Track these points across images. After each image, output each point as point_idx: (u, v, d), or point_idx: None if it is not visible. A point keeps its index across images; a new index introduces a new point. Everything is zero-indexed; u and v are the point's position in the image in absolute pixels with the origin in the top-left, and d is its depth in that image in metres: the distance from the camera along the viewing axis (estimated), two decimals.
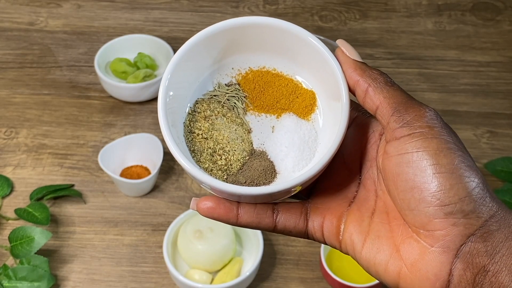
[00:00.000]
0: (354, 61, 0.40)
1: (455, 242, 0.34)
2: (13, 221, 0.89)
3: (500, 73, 1.11)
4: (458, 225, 0.34)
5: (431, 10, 1.23)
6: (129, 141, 0.94)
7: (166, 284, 0.83)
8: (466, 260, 0.34)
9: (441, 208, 0.35)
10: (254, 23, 0.42)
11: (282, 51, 0.43)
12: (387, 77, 0.39)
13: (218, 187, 0.38)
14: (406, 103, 0.37)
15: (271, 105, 0.44)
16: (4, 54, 1.13)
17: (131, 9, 1.22)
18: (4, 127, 1.01)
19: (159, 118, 0.41)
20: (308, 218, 0.40)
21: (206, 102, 0.43)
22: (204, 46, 0.42)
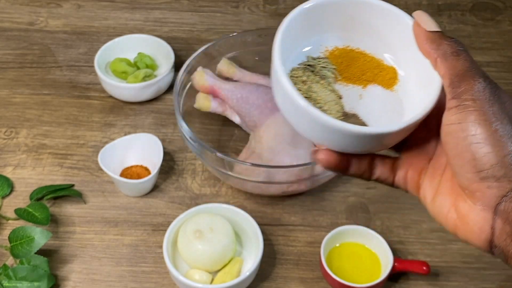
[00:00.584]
0: (427, 33, 0.48)
1: (491, 202, 0.41)
2: (13, 221, 0.89)
3: (500, 73, 1.11)
4: (492, 188, 0.41)
5: (431, 10, 1.23)
6: (129, 141, 0.94)
7: (166, 284, 0.83)
8: (503, 216, 0.41)
9: (477, 173, 0.41)
10: (349, 1, 0.48)
11: (367, 31, 0.49)
12: (457, 45, 0.46)
13: (345, 127, 0.42)
14: (463, 75, 0.43)
15: (357, 77, 0.49)
16: (4, 54, 1.13)
17: (131, 9, 1.22)
18: (4, 127, 1.01)
19: (279, 78, 0.44)
20: (395, 172, 0.48)
21: (301, 70, 0.48)
22: (299, 21, 0.47)
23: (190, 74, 0.94)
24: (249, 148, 0.92)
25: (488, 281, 0.84)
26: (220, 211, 0.85)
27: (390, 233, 0.88)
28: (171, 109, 1.04)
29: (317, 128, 0.43)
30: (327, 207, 0.91)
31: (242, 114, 0.93)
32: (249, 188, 0.89)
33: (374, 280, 0.79)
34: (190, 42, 1.15)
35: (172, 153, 0.97)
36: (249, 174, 0.85)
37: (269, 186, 0.86)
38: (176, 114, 0.88)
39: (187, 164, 0.96)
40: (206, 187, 0.93)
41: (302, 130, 0.45)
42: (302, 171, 0.83)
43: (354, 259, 0.83)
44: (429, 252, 0.86)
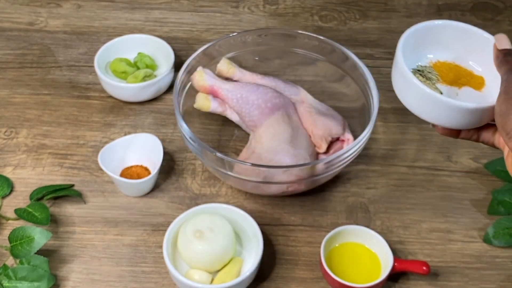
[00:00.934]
0: (498, 51, 0.64)
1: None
2: (13, 221, 0.89)
3: None
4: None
5: (431, 10, 1.23)
6: (129, 141, 0.94)
7: (166, 284, 0.83)
8: None
9: (506, 135, 0.59)
10: (452, 25, 0.68)
11: (460, 48, 0.69)
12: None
13: (453, 103, 0.63)
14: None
15: (454, 81, 0.68)
16: (4, 54, 1.13)
17: (131, 9, 1.22)
18: (4, 127, 1.01)
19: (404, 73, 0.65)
20: (494, 135, 0.67)
21: (413, 72, 0.66)
22: (413, 36, 0.68)
23: (190, 74, 0.94)
24: (249, 148, 0.92)
25: (488, 281, 0.84)
26: (220, 211, 0.85)
27: (390, 233, 0.88)
28: (171, 109, 1.04)
29: (440, 109, 0.63)
30: (327, 207, 0.91)
31: (242, 114, 0.93)
32: (249, 188, 0.89)
33: (374, 280, 0.79)
34: (190, 42, 1.15)
35: (172, 153, 0.97)
36: (249, 174, 0.85)
37: (269, 186, 0.86)
38: (176, 114, 0.88)
39: (187, 164, 0.96)
40: (206, 187, 0.93)
41: (427, 114, 0.65)
42: (302, 171, 0.83)
43: (354, 259, 0.83)
44: (429, 252, 0.86)
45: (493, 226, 0.87)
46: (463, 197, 0.93)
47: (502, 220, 0.87)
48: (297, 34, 1.00)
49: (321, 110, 0.95)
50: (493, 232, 0.87)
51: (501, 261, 0.86)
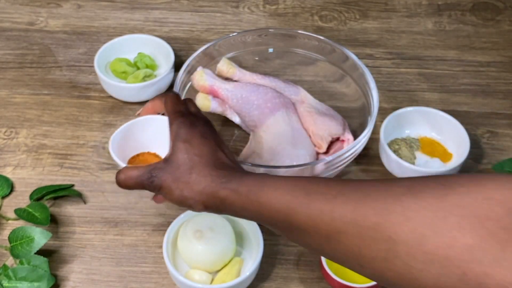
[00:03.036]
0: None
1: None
2: (13, 221, 0.89)
3: (500, 73, 1.11)
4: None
5: (431, 10, 1.23)
6: (141, 124, 0.81)
7: (166, 284, 0.83)
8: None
9: None
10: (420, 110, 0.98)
11: (435, 127, 0.97)
12: None
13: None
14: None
15: (430, 152, 0.95)
16: (4, 54, 1.13)
17: (131, 9, 1.22)
18: (4, 127, 1.01)
19: None
20: None
21: (400, 140, 0.96)
22: (393, 119, 0.97)
23: (190, 74, 0.94)
24: (249, 148, 0.92)
25: None
26: None
27: None
28: None
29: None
30: None
31: (242, 114, 0.93)
32: None
33: None
34: (190, 42, 1.15)
35: None
36: None
37: None
38: None
39: None
40: None
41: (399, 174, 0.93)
42: (302, 171, 0.83)
43: None
44: None
45: None
46: None
47: None
48: (297, 34, 1.00)
49: (321, 110, 0.95)
50: None
51: None
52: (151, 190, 0.65)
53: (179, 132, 0.65)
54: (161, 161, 0.65)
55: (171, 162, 0.64)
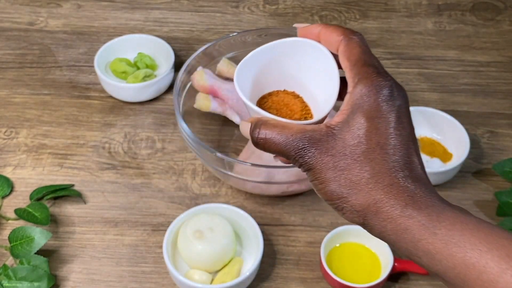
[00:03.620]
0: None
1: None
2: (13, 221, 0.89)
3: (500, 73, 1.11)
4: None
5: (431, 10, 1.23)
6: (275, 51, 0.54)
7: (166, 284, 0.83)
8: None
9: None
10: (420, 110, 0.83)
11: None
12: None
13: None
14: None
15: (430, 152, 0.94)
16: (4, 54, 1.13)
17: (131, 9, 1.22)
18: (4, 127, 1.01)
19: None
20: None
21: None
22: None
23: (190, 74, 0.94)
24: (249, 148, 0.92)
25: None
26: (220, 211, 0.84)
27: None
28: (171, 109, 1.04)
29: None
30: (327, 207, 0.91)
31: (242, 114, 0.93)
32: (249, 188, 0.89)
33: (374, 280, 0.79)
34: (190, 42, 1.15)
35: (172, 153, 0.97)
36: (249, 174, 0.85)
37: (269, 186, 0.86)
38: (176, 114, 0.88)
39: (187, 164, 0.96)
40: (206, 187, 0.93)
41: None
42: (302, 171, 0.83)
43: (354, 259, 0.83)
44: None
45: None
46: (463, 197, 0.93)
47: (506, 221, 0.87)
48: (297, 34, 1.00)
49: None
50: None
51: None
52: (294, 163, 0.47)
53: (364, 98, 0.45)
54: (322, 129, 0.46)
55: (337, 139, 0.45)
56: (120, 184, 0.93)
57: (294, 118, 0.52)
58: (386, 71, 0.47)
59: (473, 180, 0.95)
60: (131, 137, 0.99)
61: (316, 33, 0.51)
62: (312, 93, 0.54)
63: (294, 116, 0.53)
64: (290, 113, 0.53)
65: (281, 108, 0.54)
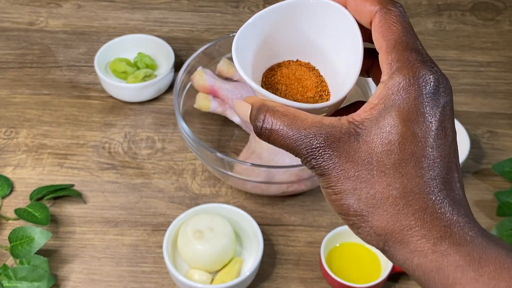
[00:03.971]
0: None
1: None
2: (13, 221, 0.89)
3: (500, 73, 1.11)
4: None
5: (431, 10, 1.23)
6: (286, 12, 0.44)
7: (166, 284, 0.83)
8: None
9: None
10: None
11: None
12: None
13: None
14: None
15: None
16: (4, 54, 1.13)
17: (131, 9, 1.22)
18: (4, 127, 1.01)
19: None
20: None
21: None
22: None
23: (190, 74, 0.94)
24: (249, 148, 0.92)
25: None
26: (220, 211, 0.84)
27: None
28: (171, 109, 1.04)
29: None
30: (327, 207, 0.91)
31: None
32: (249, 188, 0.89)
33: (374, 280, 0.79)
34: (190, 42, 1.15)
35: (172, 153, 0.97)
36: (249, 174, 0.85)
37: (269, 186, 0.86)
38: (176, 114, 0.88)
39: (187, 164, 0.96)
40: (206, 187, 0.93)
41: None
42: (302, 171, 0.83)
43: (354, 259, 0.83)
44: None
45: (496, 227, 0.87)
46: None
47: (506, 221, 0.87)
48: None
49: None
50: (496, 234, 0.87)
51: None
52: (304, 163, 0.39)
53: (402, 93, 0.36)
54: (343, 124, 0.37)
55: (362, 141, 0.36)
56: (120, 184, 0.93)
57: (307, 96, 0.44)
58: (431, 58, 0.38)
59: (473, 180, 0.95)
60: (131, 137, 0.99)
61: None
62: (331, 65, 0.45)
63: (307, 94, 0.44)
64: (302, 90, 0.44)
65: (292, 83, 0.45)
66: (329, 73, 0.45)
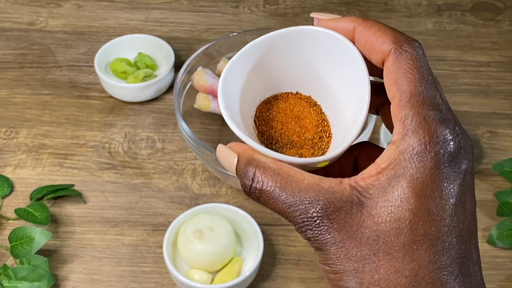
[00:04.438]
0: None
1: None
2: (13, 221, 0.89)
3: (500, 73, 1.11)
4: None
5: (431, 10, 1.23)
6: (282, 42, 0.40)
7: (166, 284, 0.83)
8: None
9: None
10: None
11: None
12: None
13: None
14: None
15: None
16: (4, 54, 1.13)
17: (131, 9, 1.22)
18: (4, 127, 1.01)
19: None
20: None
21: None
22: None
23: (190, 74, 0.94)
24: None
25: (488, 281, 0.84)
26: (220, 211, 0.84)
27: None
28: (171, 109, 1.04)
29: None
30: None
31: None
32: None
33: None
34: (190, 42, 1.15)
35: (172, 153, 0.97)
36: None
37: None
38: (176, 114, 0.88)
39: (187, 164, 0.96)
40: (206, 187, 0.93)
41: None
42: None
43: None
44: None
45: (496, 227, 0.87)
46: None
47: (506, 221, 0.87)
48: None
49: None
50: (496, 234, 0.87)
51: (501, 261, 0.86)
52: (299, 232, 0.35)
53: (416, 160, 0.31)
54: (345, 190, 0.32)
55: (367, 214, 0.31)
56: (120, 184, 0.93)
57: (305, 138, 0.39)
58: (451, 113, 0.33)
59: None
60: (131, 137, 0.99)
61: (348, 29, 0.36)
62: (334, 102, 0.39)
63: (305, 135, 0.39)
64: (299, 130, 0.39)
65: (289, 121, 0.39)
66: (332, 111, 0.40)
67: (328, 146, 0.39)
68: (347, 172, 0.38)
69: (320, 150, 0.39)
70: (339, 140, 0.37)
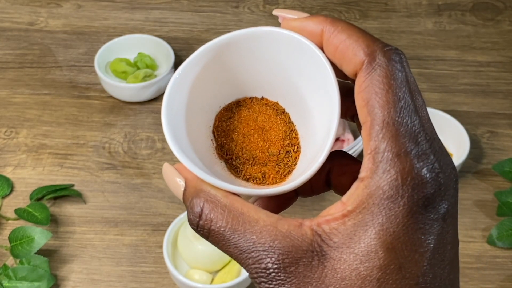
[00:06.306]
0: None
1: None
2: (13, 221, 0.89)
3: (500, 73, 1.11)
4: None
5: (431, 10, 1.23)
6: (241, 44, 0.37)
7: (166, 284, 0.83)
8: None
9: None
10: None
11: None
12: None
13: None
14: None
15: None
16: (4, 54, 1.13)
17: (131, 9, 1.22)
18: (4, 127, 1.01)
19: None
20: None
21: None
22: None
23: None
24: None
25: (488, 281, 0.84)
26: None
27: None
28: None
29: None
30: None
31: None
32: None
33: None
34: (190, 42, 1.15)
35: (172, 153, 0.97)
36: None
37: None
38: None
39: None
40: None
41: None
42: None
43: None
44: None
45: (496, 227, 0.87)
46: (463, 197, 0.93)
47: (506, 221, 0.87)
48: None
49: None
50: (496, 234, 0.87)
51: (501, 261, 0.86)
52: (252, 281, 0.29)
53: (387, 205, 0.27)
54: (305, 236, 0.28)
55: (329, 268, 0.27)
56: (120, 184, 0.93)
57: (269, 154, 0.34)
58: (432, 140, 0.28)
59: (473, 180, 0.95)
60: (131, 137, 0.99)
61: (315, 33, 0.32)
62: (303, 110, 0.34)
63: (270, 150, 0.34)
64: (263, 144, 0.34)
65: (251, 133, 0.34)
66: (302, 119, 0.35)
67: (295, 163, 0.34)
68: (318, 188, 0.35)
69: (286, 168, 0.34)
70: (308, 155, 0.33)
